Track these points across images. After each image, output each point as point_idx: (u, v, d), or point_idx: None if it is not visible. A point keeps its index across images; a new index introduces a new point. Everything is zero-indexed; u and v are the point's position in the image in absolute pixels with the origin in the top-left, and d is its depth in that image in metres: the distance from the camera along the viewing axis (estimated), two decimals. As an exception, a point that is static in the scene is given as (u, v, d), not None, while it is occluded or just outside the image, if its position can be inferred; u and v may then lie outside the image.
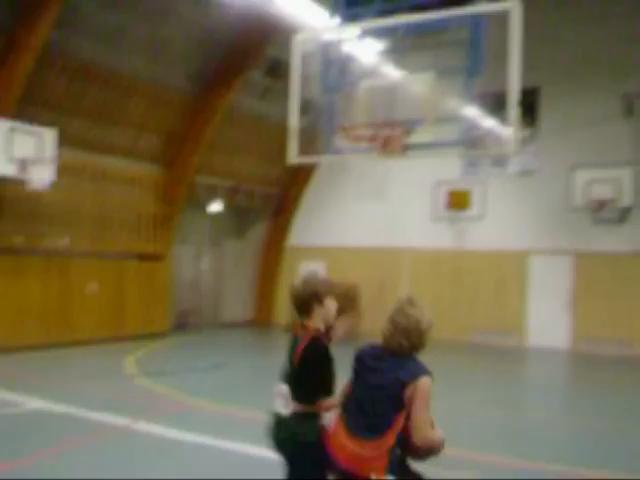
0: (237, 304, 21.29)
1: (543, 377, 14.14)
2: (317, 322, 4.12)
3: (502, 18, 6.34)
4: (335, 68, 7.59)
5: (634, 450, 7.89)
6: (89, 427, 8.02)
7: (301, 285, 4.16)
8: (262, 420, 8.46)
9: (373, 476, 3.60)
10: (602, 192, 16.27)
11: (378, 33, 8.03)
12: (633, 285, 16.53)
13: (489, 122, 14.63)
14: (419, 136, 6.83)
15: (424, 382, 3.63)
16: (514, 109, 6.07)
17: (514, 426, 9.14)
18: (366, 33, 7.74)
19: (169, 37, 15.05)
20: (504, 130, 7.88)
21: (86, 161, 14.99)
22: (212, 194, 18.68)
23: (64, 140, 13.96)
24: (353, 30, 7.57)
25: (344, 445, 3.74)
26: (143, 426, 8.07)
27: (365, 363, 3.85)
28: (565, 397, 12.17)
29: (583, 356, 16.46)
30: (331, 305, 4.18)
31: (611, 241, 16.77)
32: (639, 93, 15.85)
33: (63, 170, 13.98)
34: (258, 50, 16.29)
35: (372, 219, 19.43)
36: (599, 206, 16.37)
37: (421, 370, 3.69)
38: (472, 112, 7.55)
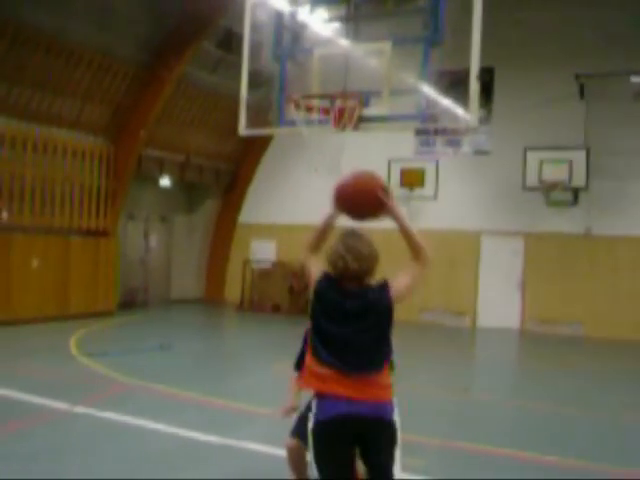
0: (187, 281, 20.89)
1: (492, 358, 14.14)
2: None
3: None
4: (288, 36, 7.27)
5: (584, 434, 7.87)
6: (29, 410, 7.63)
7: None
8: (203, 402, 8.26)
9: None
10: (554, 173, 16.30)
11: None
12: (582, 266, 16.68)
13: (445, 101, 14.47)
14: (374, 109, 6.56)
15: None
16: (475, 81, 5.85)
17: (463, 409, 9.06)
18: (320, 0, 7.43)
19: (117, 4, 14.45)
20: (459, 110, 7.71)
21: (28, 132, 14.34)
22: (161, 168, 18.18)
23: (4, 109, 13.36)
24: (307, -3, 7.26)
25: None
26: (84, 409, 7.73)
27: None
28: (513, 378, 12.17)
29: (533, 336, 16.58)
30: None
31: (562, 222, 16.85)
32: (590, 75, 15.87)
33: (3, 140, 13.39)
34: (210, 20, 15.77)
35: (325, 196, 19.10)
36: (551, 187, 16.42)
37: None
38: (429, 88, 7.32)
